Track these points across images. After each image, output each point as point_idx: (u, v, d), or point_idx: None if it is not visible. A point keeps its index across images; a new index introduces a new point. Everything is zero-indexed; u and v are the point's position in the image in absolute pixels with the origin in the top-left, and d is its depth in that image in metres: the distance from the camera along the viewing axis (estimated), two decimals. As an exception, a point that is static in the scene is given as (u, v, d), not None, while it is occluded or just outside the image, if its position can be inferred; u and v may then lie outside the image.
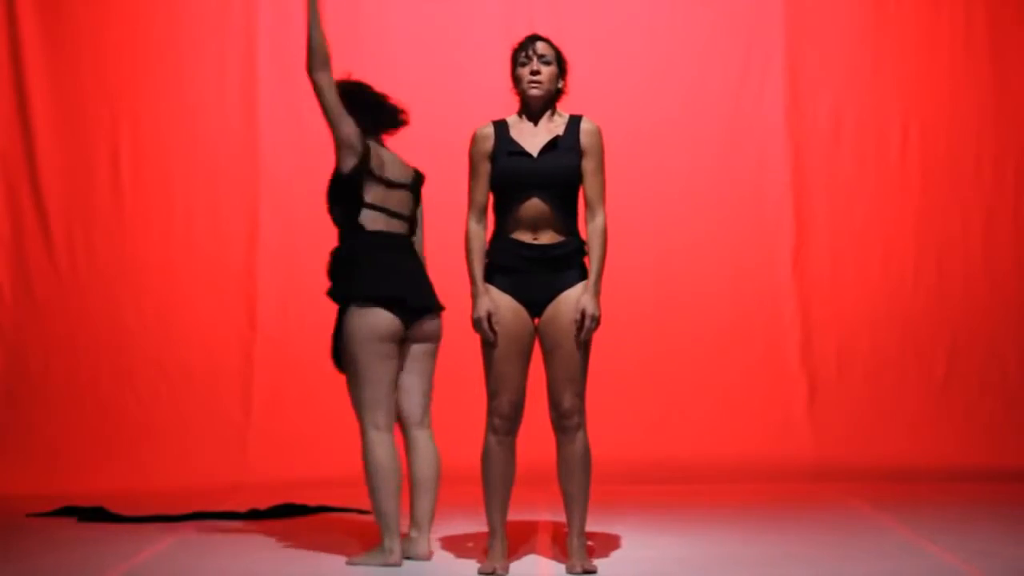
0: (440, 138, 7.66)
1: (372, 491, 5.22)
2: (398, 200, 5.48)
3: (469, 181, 5.11)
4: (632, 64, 7.86)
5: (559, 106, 5.14)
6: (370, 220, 5.43)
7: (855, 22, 7.89)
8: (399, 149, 7.81)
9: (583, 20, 7.81)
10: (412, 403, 5.44)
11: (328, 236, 7.76)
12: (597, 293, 5.02)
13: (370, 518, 6.46)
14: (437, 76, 7.82)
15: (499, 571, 5.02)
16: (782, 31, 7.86)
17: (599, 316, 5.01)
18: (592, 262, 5.04)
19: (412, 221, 5.52)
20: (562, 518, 5.27)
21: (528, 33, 5.19)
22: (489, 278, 5.05)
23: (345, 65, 7.79)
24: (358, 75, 7.76)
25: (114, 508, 6.60)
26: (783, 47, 7.86)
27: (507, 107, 5.19)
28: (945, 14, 7.88)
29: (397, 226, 5.46)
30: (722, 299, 7.82)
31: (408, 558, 5.32)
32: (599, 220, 5.06)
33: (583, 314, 4.98)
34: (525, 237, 5.02)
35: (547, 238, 5.02)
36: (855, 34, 7.90)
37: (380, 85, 7.99)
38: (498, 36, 7.29)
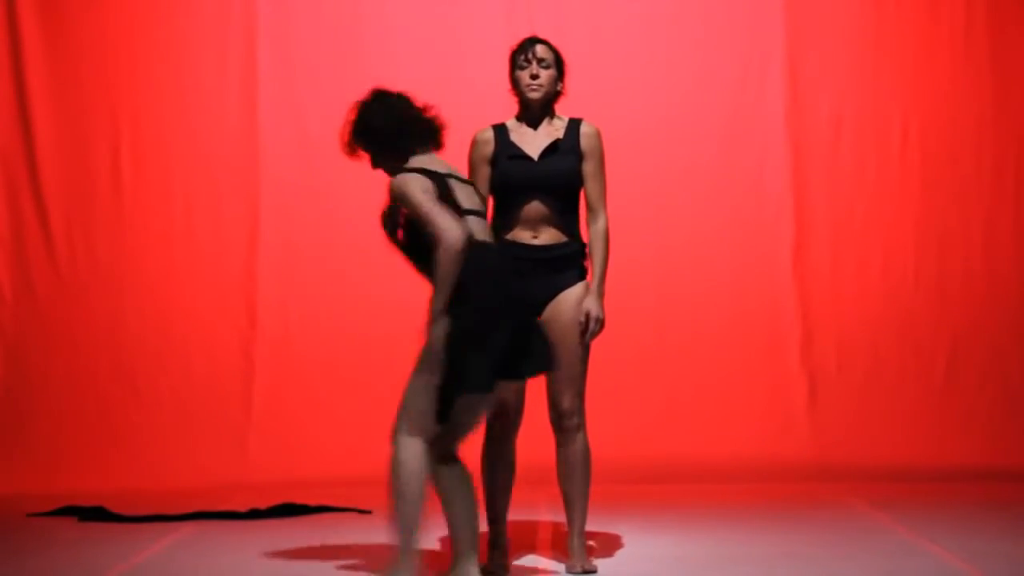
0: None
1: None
2: (471, 196, 4.89)
3: (468, 185, 5.09)
4: (632, 64, 7.86)
5: (558, 108, 5.14)
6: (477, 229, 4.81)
7: (855, 22, 7.89)
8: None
9: (583, 20, 7.80)
10: None
11: (328, 236, 7.80)
12: (601, 296, 5.03)
13: (369, 518, 6.46)
14: (437, 76, 7.80)
15: (499, 571, 5.02)
16: (782, 31, 7.85)
17: (603, 319, 5.02)
18: (595, 265, 5.04)
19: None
20: (562, 518, 5.27)
21: (528, 34, 5.19)
22: (489, 278, 5.05)
23: (346, 65, 7.84)
24: (359, 75, 7.80)
25: (114, 508, 6.60)
26: (783, 47, 7.85)
27: (507, 108, 5.19)
28: (945, 14, 7.87)
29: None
30: (722, 299, 7.81)
31: None
32: (601, 223, 5.06)
33: (587, 317, 4.99)
34: (524, 238, 5.02)
35: (547, 238, 5.02)
36: (855, 34, 7.89)
37: (380, 84, 8.00)
38: (498, 36, 7.28)
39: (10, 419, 7.67)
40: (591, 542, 5.39)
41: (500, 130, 5.09)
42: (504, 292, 4.68)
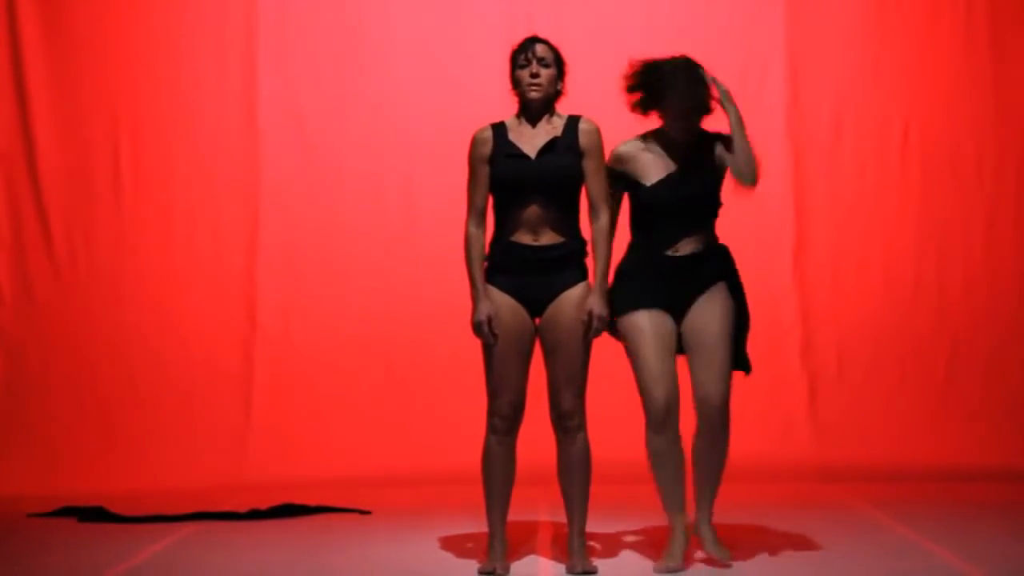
0: (439, 138, 7.66)
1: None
2: None
3: (468, 185, 5.10)
4: (632, 64, 7.84)
5: (558, 107, 5.14)
6: None
7: (855, 22, 7.88)
8: (392, 146, 7.84)
9: (583, 20, 7.80)
10: None
11: (328, 237, 7.80)
12: (604, 294, 5.02)
13: (367, 519, 6.46)
14: (437, 76, 7.81)
15: (499, 571, 5.02)
16: (782, 31, 7.85)
17: (607, 316, 5.02)
18: (597, 262, 5.03)
19: None
20: (562, 518, 5.27)
21: (528, 34, 5.19)
22: (490, 278, 5.05)
23: (346, 65, 7.84)
24: (359, 75, 7.81)
25: (114, 508, 6.60)
26: (783, 47, 7.85)
27: (507, 108, 5.18)
28: (945, 14, 7.87)
29: None
30: (722, 299, 7.80)
31: None
32: (603, 220, 5.06)
33: (590, 315, 4.99)
34: (525, 239, 5.02)
35: (547, 239, 5.02)
36: (855, 34, 7.89)
37: (380, 85, 8.03)
38: (498, 36, 7.28)
39: (10, 419, 7.66)
40: (591, 542, 5.39)
41: (499, 129, 5.09)
42: None
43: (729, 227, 7.79)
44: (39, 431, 7.64)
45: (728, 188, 5.27)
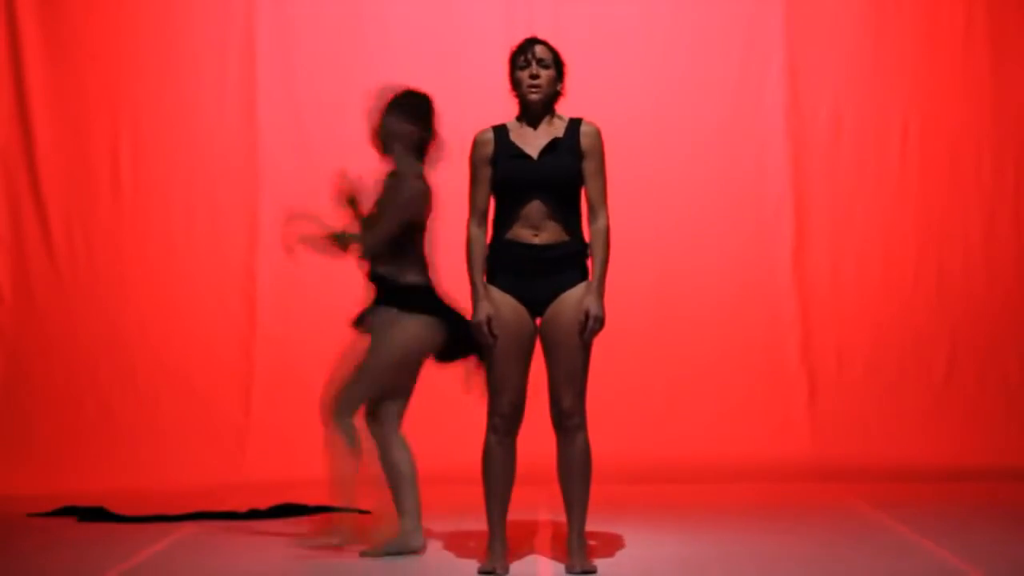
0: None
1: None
2: None
3: (469, 186, 5.10)
4: (632, 64, 7.86)
5: (557, 108, 5.14)
6: None
7: (855, 22, 7.90)
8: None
9: (583, 20, 7.81)
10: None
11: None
12: (600, 294, 5.02)
13: (367, 518, 6.46)
14: (437, 76, 7.80)
15: (499, 571, 5.02)
16: (782, 31, 7.86)
17: (603, 317, 5.01)
18: (595, 264, 5.03)
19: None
20: (562, 518, 5.27)
21: (528, 34, 5.19)
22: (491, 277, 5.05)
23: (345, 63, 7.84)
24: (359, 75, 7.82)
25: (114, 508, 6.60)
26: (783, 47, 7.86)
27: (507, 107, 5.18)
28: (945, 14, 7.88)
29: None
30: (722, 299, 7.82)
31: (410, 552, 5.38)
32: (601, 222, 5.06)
33: (587, 315, 4.98)
34: (525, 236, 5.02)
35: (548, 237, 5.02)
36: (855, 34, 7.90)
37: (379, 84, 8.03)
38: (498, 36, 7.29)
39: (10, 419, 7.67)
40: (591, 542, 5.39)
41: (500, 131, 5.09)
42: None
43: (728, 226, 7.88)
44: (39, 431, 7.65)
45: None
